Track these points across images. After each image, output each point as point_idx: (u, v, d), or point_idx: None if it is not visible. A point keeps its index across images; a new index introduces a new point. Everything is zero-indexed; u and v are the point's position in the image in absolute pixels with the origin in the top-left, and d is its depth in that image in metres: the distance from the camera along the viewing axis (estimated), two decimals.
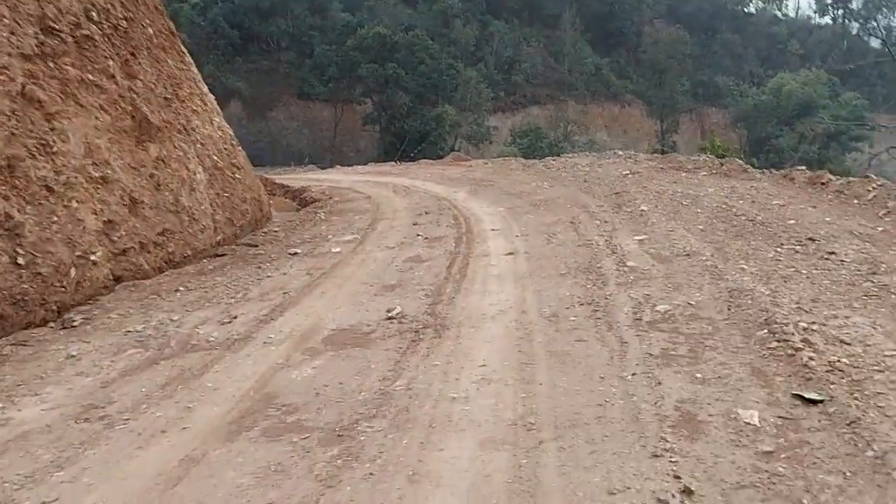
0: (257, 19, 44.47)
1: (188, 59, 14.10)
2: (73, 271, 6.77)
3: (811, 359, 3.65)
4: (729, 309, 4.72)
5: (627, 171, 14.09)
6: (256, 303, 6.16)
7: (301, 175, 25.80)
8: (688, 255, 6.52)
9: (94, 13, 8.96)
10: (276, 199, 17.98)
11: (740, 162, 12.64)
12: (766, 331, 4.18)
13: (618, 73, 52.80)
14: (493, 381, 3.85)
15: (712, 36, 57.25)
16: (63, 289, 6.59)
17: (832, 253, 5.92)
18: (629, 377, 3.74)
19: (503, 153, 40.70)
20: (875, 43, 63.48)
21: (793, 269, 5.57)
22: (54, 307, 6.40)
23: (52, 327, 5.81)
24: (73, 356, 4.98)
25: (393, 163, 25.40)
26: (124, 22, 9.99)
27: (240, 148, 14.66)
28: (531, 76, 49.17)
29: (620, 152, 17.95)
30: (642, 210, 9.28)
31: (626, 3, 54.89)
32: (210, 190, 11.22)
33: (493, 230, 9.37)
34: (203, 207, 10.65)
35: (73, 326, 5.84)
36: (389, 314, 5.41)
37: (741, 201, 9.09)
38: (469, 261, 7.46)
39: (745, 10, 61.40)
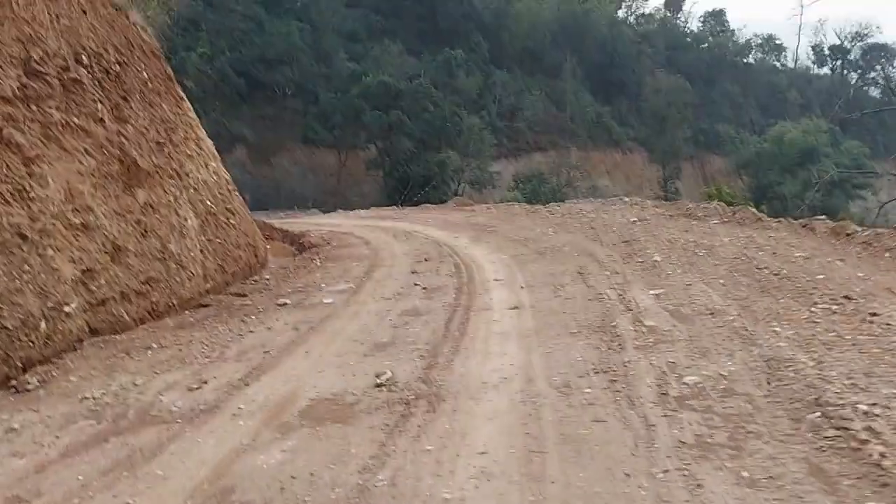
0: (264, 68, 44.51)
1: (186, 104, 13.64)
2: (42, 324, 6.12)
3: (883, 456, 2.94)
4: (769, 383, 4.02)
5: (635, 218, 13.49)
6: (232, 364, 5.48)
7: (303, 219, 25.28)
8: (711, 313, 5.84)
9: (84, 56, 8.49)
10: (274, 244, 17.38)
11: (753, 210, 12.04)
12: (818, 414, 3.49)
13: (619, 121, 52.74)
14: (496, 477, 3.15)
15: (712, 85, 57.37)
16: (30, 343, 5.93)
17: (874, 314, 5.23)
18: (660, 475, 3.03)
19: (506, 198, 40.30)
20: (874, 92, 63.68)
21: (834, 334, 4.88)
22: (19, 363, 5.73)
23: (2, 392, 5.13)
24: (13, 429, 4.28)
25: (395, 207, 24.90)
26: (117, 66, 9.54)
27: (237, 193, 14.12)
28: (533, 123, 49.05)
29: (626, 198, 17.41)
30: (655, 260, 8.64)
31: (627, 53, 55.12)
32: (201, 236, 10.64)
33: (495, 280, 8.72)
34: (193, 254, 10.05)
35: (26, 391, 5.16)
36: (378, 380, 4.72)
37: (761, 252, 8.43)
38: (469, 315, 6.79)
39: (745, 60, 61.70)
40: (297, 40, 44.26)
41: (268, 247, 16.30)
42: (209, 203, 11.46)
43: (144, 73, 10.85)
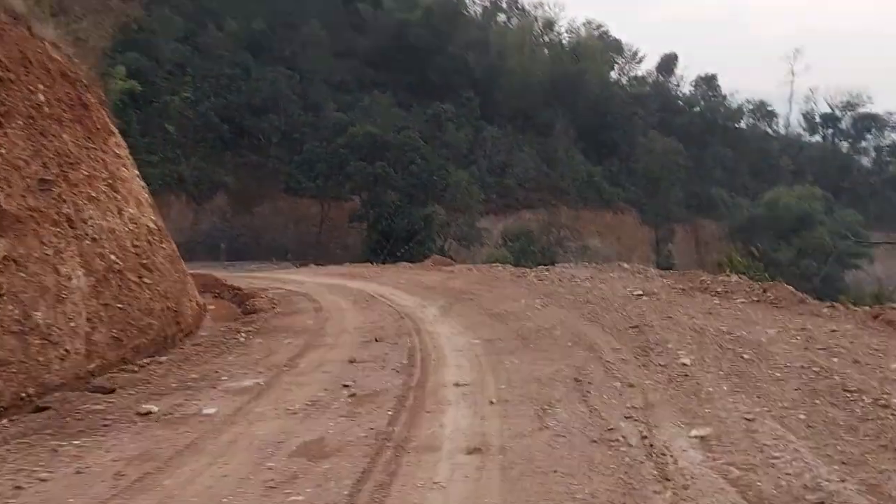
0: (249, 115, 42.45)
1: (116, 139, 11.12)
2: None
3: None
4: None
5: (640, 291, 10.86)
6: None
7: (270, 274, 22.60)
8: (812, 490, 3.17)
9: None
10: (220, 306, 14.71)
11: (790, 289, 9.43)
12: None
13: (610, 181, 50.65)
14: None
15: (704, 149, 55.65)
16: None
17: None
18: None
19: (493, 255, 37.71)
20: (866, 160, 62.27)
21: None
22: None
23: None
24: None
25: (371, 264, 22.35)
26: None
27: (164, 245, 11.47)
28: (523, 180, 46.88)
29: (626, 265, 14.82)
30: (683, 364, 5.98)
31: (619, 114, 53.41)
32: (93, 300, 7.99)
33: (457, 385, 6.01)
34: (73, 324, 7.40)
35: None
36: None
37: (835, 359, 5.78)
38: (400, 466, 4.07)
39: (736, 125, 60.23)
40: (284, 88, 42.34)
41: (210, 308, 13.70)
42: (113, 258, 8.84)
43: (41, 96, 8.40)
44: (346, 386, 6.12)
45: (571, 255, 41.50)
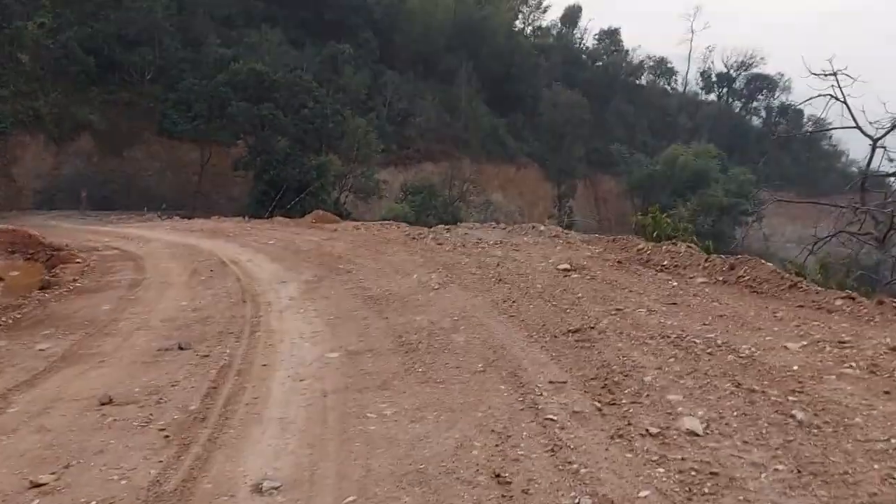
0: (119, 47, 36.75)
1: None
2: None
3: None
4: None
5: (566, 265, 8.07)
6: None
7: (116, 229, 18.58)
8: None
9: None
10: (27, 270, 11.01)
11: (770, 267, 6.85)
12: None
13: (514, 135, 48.01)
14: None
15: (606, 105, 53.91)
16: None
17: None
18: None
19: (393, 210, 34.52)
20: (757, 120, 62.65)
21: None
22: None
23: None
24: None
25: (244, 218, 18.66)
26: None
27: None
28: (425, 130, 43.51)
29: (542, 227, 12.03)
30: (691, 434, 3.15)
31: (524, 65, 50.59)
32: None
33: (259, 492, 2.93)
34: None
35: None
36: None
37: None
38: None
39: (637, 81, 58.84)
40: (161, 19, 36.87)
41: (12, 275, 10.11)
42: None
43: None
44: (36, 485, 2.92)
45: (474, 209, 38.85)
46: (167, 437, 3.49)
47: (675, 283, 6.91)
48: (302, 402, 3.99)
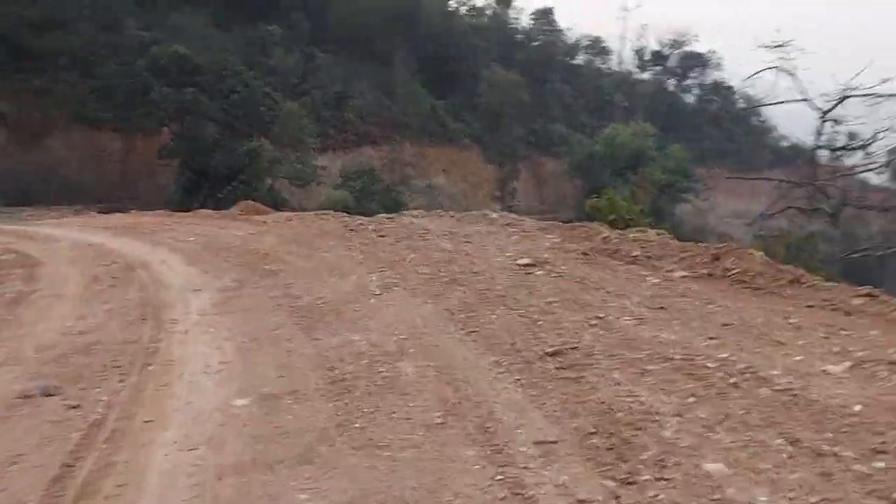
0: (28, 32, 33.82)
1: None
2: None
3: None
4: None
5: (527, 259, 6.97)
6: None
7: (21, 227, 16.61)
8: None
9: None
10: None
11: (761, 258, 5.90)
12: None
13: (454, 116, 46.78)
14: None
15: (544, 85, 53.12)
16: None
17: None
18: None
19: (332, 197, 32.96)
20: (690, 99, 62.99)
21: None
22: None
23: None
24: None
25: (163, 210, 16.96)
26: None
27: None
28: (363, 114, 41.82)
29: (494, 214, 10.88)
30: (731, 501, 2.05)
31: (461, 45, 49.29)
32: None
33: None
34: None
35: None
36: None
37: None
38: None
39: (573, 61, 58.31)
40: (73, 2, 34.08)
41: None
42: None
43: None
44: None
45: (417, 194, 37.58)
46: None
47: (655, 280, 5.88)
48: (186, 494, 2.75)
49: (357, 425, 3.29)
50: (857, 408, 2.92)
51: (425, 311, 5.47)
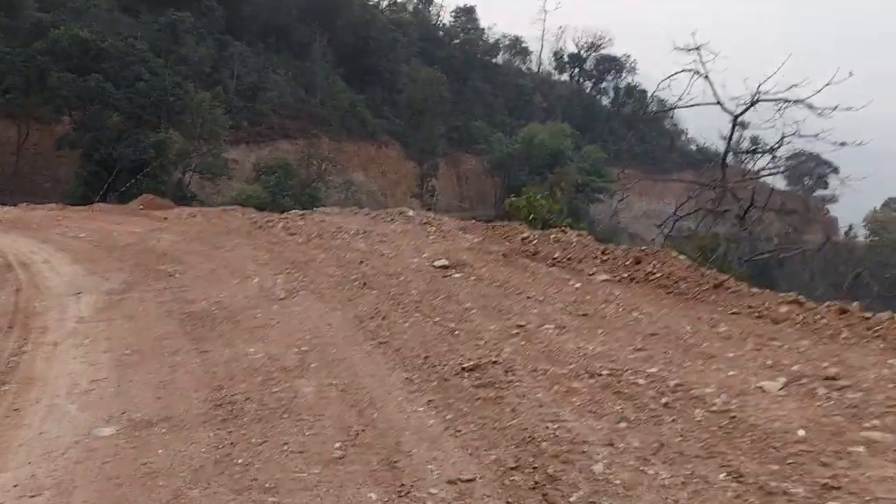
0: None
1: None
2: None
3: None
4: None
5: (444, 261, 6.56)
6: None
7: None
8: None
9: None
10: None
11: (681, 260, 5.71)
12: None
13: (374, 112, 45.99)
14: None
15: (464, 83, 53.08)
16: None
17: None
18: None
19: (245, 192, 31.62)
20: (606, 101, 64.50)
21: None
22: None
23: None
24: None
25: (57, 204, 15.61)
26: None
27: None
28: (278, 106, 40.45)
29: (410, 212, 10.39)
30: None
31: (381, 39, 48.53)
32: None
33: None
34: None
35: None
36: None
37: None
38: None
39: (494, 60, 58.54)
40: None
41: None
42: None
43: None
44: None
45: (335, 190, 36.67)
46: None
47: (577, 284, 5.59)
48: None
49: (240, 461, 2.78)
50: (801, 433, 2.64)
51: (333, 318, 4.97)
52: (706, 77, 16.19)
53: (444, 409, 3.16)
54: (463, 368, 3.62)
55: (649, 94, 57.25)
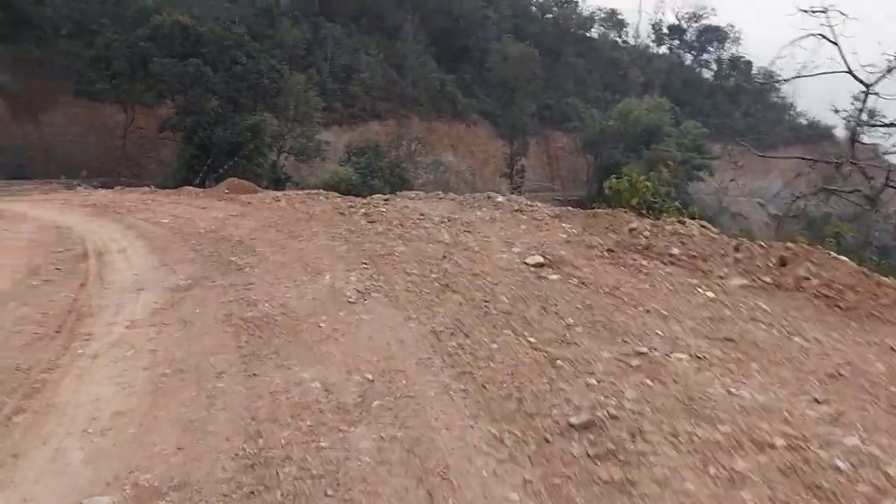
0: (29, 0, 32.42)
1: None
2: None
3: None
4: None
5: (539, 258, 5.55)
6: None
7: (3, 204, 15.31)
8: None
9: None
10: None
11: (849, 264, 4.45)
12: None
13: (464, 91, 44.91)
14: None
15: (557, 58, 51.05)
16: None
17: None
18: None
19: (338, 173, 31.45)
20: (707, 74, 60.71)
21: None
22: None
23: None
24: None
25: (150, 188, 15.56)
26: None
27: None
28: (371, 88, 40.10)
29: (500, 197, 9.41)
30: None
31: (472, 18, 47.28)
32: None
33: None
34: None
35: None
36: None
37: None
38: None
39: (588, 34, 56.07)
40: None
41: None
42: None
43: None
44: None
45: (423, 170, 36.01)
46: None
47: (709, 293, 4.44)
48: None
49: None
50: None
51: (406, 332, 4.08)
52: (835, 42, 14.16)
53: (550, 498, 2.18)
54: (570, 424, 2.63)
55: (769, 62, 53.48)
